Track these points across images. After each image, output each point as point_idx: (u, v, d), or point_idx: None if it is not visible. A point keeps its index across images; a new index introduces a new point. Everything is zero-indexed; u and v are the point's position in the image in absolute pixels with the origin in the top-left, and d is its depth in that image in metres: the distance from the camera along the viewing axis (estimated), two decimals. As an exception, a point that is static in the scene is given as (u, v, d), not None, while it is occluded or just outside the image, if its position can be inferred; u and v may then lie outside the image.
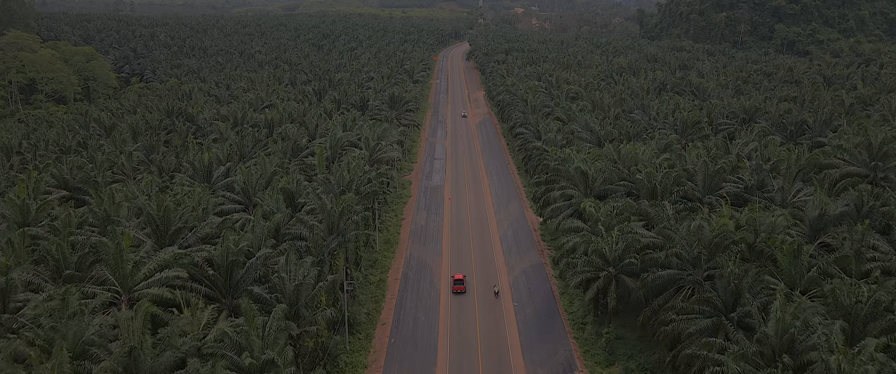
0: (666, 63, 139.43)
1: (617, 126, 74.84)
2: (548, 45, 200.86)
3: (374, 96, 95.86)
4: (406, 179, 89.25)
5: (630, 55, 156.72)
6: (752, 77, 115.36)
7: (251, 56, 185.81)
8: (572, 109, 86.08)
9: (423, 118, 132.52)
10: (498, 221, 73.17)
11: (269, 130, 77.17)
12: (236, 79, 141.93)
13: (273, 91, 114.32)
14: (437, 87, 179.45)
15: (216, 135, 76.77)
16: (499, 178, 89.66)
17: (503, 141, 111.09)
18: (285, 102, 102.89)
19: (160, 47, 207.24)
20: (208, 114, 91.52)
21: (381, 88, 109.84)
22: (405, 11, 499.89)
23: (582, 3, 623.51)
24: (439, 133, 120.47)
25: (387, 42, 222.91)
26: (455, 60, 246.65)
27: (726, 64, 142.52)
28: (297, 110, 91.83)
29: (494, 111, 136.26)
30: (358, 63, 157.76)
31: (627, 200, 48.89)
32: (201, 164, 57.50)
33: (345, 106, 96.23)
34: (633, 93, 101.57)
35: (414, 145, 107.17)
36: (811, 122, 73.80)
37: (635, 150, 56.16)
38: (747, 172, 53.26)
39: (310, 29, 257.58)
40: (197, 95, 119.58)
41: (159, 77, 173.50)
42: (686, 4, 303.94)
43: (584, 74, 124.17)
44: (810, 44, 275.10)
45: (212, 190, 58.74)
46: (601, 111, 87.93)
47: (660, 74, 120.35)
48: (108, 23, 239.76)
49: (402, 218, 73.73)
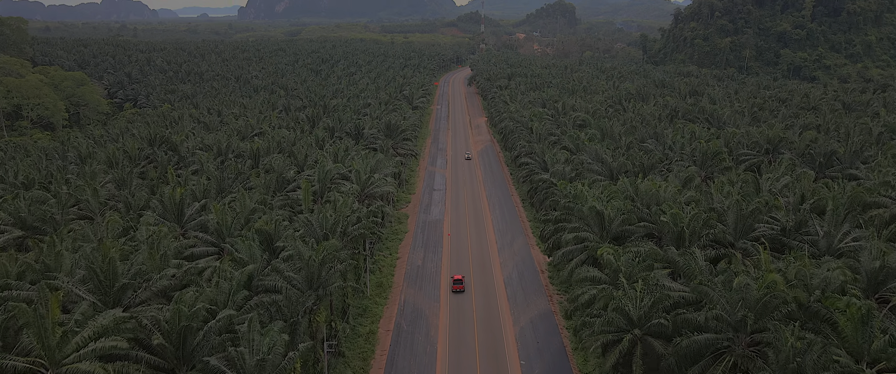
0: (675, 89, 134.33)
1: (630, 157, 69.01)
2: (551, 71, 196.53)
3: (369, 124, 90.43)
4: (403, 213, 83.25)
5: (637, 80, 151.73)
6: (767, 104, 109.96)
7: (247, 81, 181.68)
8: (580, 138, 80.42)
9: (423, 146, 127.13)
10: (502, 261, 66.88)
11: (254, 161, 71.48)
12: (229, 105, 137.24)
13: (264, 118, 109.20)
14: (438, 113, 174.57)
15: (197, 166, 71.15)
16: (502, 211, 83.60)
17: (506, 170, 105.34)
18: (276, 129, 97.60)
19: (156, 72, 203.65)
20: (193, 143, 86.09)
21: (377, 115, 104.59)
22: (407, 36, 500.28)
23: (583, 29, 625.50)
24: (439, 162, 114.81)
25: (387, 67, 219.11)
26: (456, 86, 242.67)
27: (738, 90, 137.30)
28: (287, 139, 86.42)
29: (497, 139, 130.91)
30: (356, 88, 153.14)
31: (651, 245, 42.75)
32: (172, 201, 51.62)
33: (338, 134, 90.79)
34: (644, 120, 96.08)
35: (412, 175, 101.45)
36: (841, 152, 67.94)
37: (656, 186, 50.12)
38: (783, 213, 47.19)
39: (309, 54, 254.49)
40: (186, 121, 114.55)
41: (152, 103, 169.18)
42: (690, 30, 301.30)
43: (591, 100, 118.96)
44: (817, 69, 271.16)
45: (183, 230, 52.82)
46: (611, 140, 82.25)
47: (670, 100, 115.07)
48: (104, 48, 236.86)
49: (397, 257, 67.52)
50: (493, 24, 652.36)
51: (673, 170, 65.58)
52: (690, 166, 65.83)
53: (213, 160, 72.28)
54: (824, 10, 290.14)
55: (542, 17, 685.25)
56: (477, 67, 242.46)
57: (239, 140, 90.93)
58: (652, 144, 78.56)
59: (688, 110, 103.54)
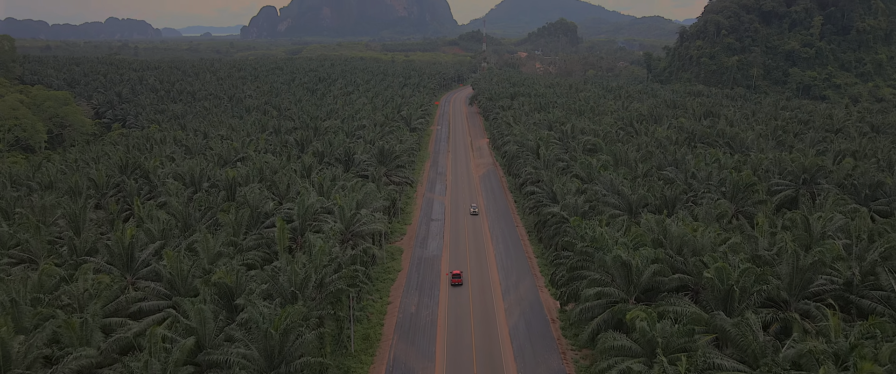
0: (687, 109, 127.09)
1: (650, 188, 61.34)
2: (556, 90, 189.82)
3: (361, 149, 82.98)
4: (396, 247, 75.43)
5: (646, 100, 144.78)
6: (789, 126, 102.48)
7: (240, 101, 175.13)
8: (592, 166, 72.82)
9: (421, 169, 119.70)
10: (506, 306, 58.85)
11: (228, 193, 63.93)
12: (217, 126, 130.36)
13: (251, 141, 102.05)
14: (438, 134, 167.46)
15: (165, 197, 63.60)
16: (506, 245, 75.70)
17: (510, 197, 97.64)
18: (261, 154, 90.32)
19: (147, 92, 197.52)
20: (168, 169, 78.75)
21: (372, 138, 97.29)
22: (408, 55, 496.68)
23: (585, 48, 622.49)
24: (438, 188, 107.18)
25: (385, 86, 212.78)
26: (457, 105, 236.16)
27: (755, 111, 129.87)
28: (271, 165, 79.02)
29: (499, 161, 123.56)
30: (352, 109, 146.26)
31: (692, 308, 34.87)
32: (120, 244, 43.98)
33: (328, 160, 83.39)
34: (660, 145, 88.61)
35: (409, 203, 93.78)
36: (889, 184, 60.23)
37: (691, 230, 42.27)
38: (845, 263, 39.37)
39: (306, 72, 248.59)
40: (168, 144, 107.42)
41: (141, 123, 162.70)
42: (696, 48, 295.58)
43: (600, 122, 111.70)
44: (827, 88, 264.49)
45: (133, 279, 45.08)
46: (626, 168, 74.67)
47: (685, 122, 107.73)
48: (96, 66, 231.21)
49: (387, 301, 59.56)
50: (495, 42, 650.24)
51: (701, 204, 57.87)
52: (720, 200, 58.13)
53: (184, 191, 64.74)
54: (833, 29, 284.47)
55: (544, 35, 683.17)
56: (478, 86, 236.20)
57: (219, 166, 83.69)
58: (672, 172, 70.93)
59: (705, 133, 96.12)
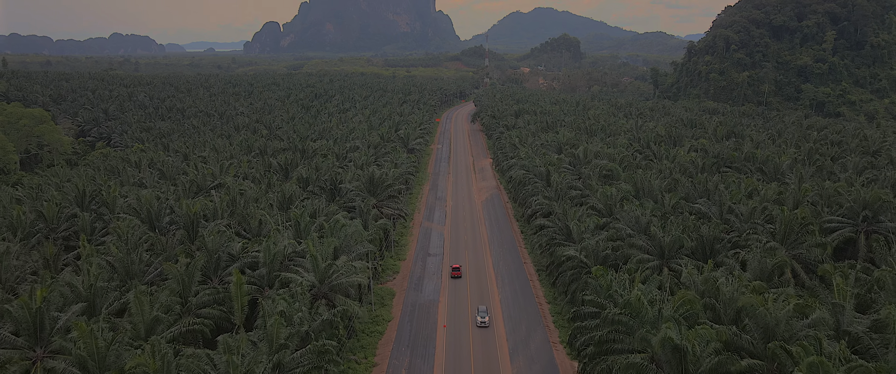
0: (706, 129, 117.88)
1: (685, 228, 51.84)
2: (562, 107, 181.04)
3: (351, 175, 73.67)
4: (387, 289, 65.94)
5: (660, 119, 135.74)
6: (823, 148, 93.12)
7: (230, 118, 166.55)
8: (612, 197, 63.45)
9: (419, 194, 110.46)
10: (515, 372, 49.17)
11: (189, 232, 54.66)
12: (201, 146, 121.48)
13: (232, 164, 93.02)
14: (439, 153, 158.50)
15: (115, 236, 54.31)
16: (513, 288, 66.09)
17: (516, 227, 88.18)
18: (240, 180, 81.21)
19: (136, 108, 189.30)
20: (132, 199, 69.56)
21: (363, 162, 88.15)
22: (409, 71, 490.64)
23: (588, 63, 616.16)
24: (437, 215, 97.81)
25: (384, 103, 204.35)
26: (459, 122, 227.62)
27: (781, 130, 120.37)
28: (248, 194, 69.90)
29: (503, 184, 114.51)
30: (346, 128, 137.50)
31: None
32: (26, 313, 34.66)
33: (313, 188, 74.17)
34: (684, 170, 79.26)
35: (404, 234, 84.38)
36: (969, 223, 50.74)
37: (761, 303, 32.47)
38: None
39: (303, 89, 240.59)
40: (144, 168, 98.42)
41: (125, 141, 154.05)
42: (705, 63, 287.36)
43: (614, 143, 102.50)
44: (841, 105, 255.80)
45: (44, 354, 35.66)
46: (650, 199, 65.30)
47: (706, 144, 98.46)
48: (85, 82, 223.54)
49: (373, 363, 49.98)
50: (498, 57, 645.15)
51: (748, 247, 48.40)
52: (770, 243, 48.61)
53: (138, 229, 55.46)
54: (846, 44, 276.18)
55: (547, 50, 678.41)
56: (481, 103, 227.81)
57: (190, 195, 74.60)
58: (705, 205, 61.47)
59: (731, 157, 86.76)
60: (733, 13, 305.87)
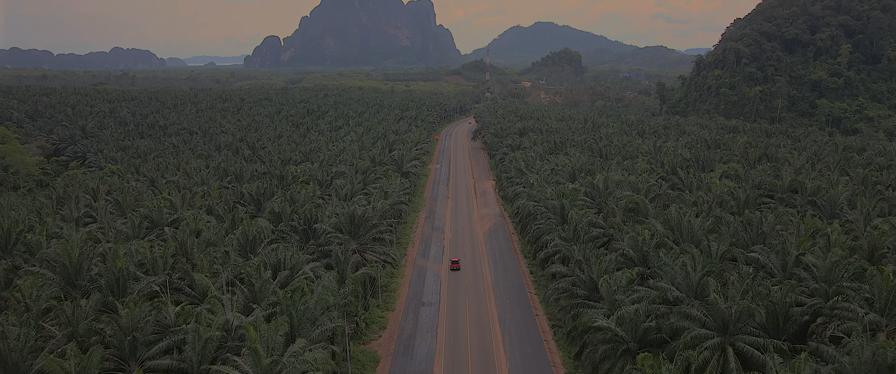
0: (732, 150, 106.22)
1: (753, 295, 39.83)
2: (569, 124, 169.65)
3: (330, 210, 61.77)
4: (370, 351, 53.86)
5: (679, 138, 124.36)
6: (875, 175, 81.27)
7: (214, 136, 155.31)
8: (645, 241, 51.61)
9: (414, 223, 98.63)
10: None
11: (114, 292, 42.79)
12: (173, 169, 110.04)
13: (199, 193, 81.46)
14: (437, 174, 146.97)
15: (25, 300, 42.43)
16: (524, 352, 53.94)
17: (523, 266, 76.20)
18: (203, 215, 69.55)
19: (116, 125, 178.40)
20: (56, 246, 57.74)
21: (348, 191, 76.46)
22: (408, 85, 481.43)
23: (590, 77, 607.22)
24: (433, 251, 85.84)
25: (379, 119, 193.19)
26: (459, 140, 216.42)
27: (818, 152, 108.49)
28: (208, 233, 58.27)
29: (508, 212, 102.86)
30: (336, 147, 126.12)
31: None
32: None
33: (284, 227, 62.38)
34: (722, 202, 67.54)
35: (394, 276, 72.34)
36: None
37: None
38: None
39: (296, 104, 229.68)
40: (100, 196, 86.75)
41: (100, 161, 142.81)
42: (714, 78, 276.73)
43: (632, 167, 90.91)
44: (859, 121, 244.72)
45: None
46: (691, 242, 53.54)
47: (737, 168, 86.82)
48: (66, 97, 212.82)
49: None
50: (499, 71, 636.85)
51: (842, 322, 36.52)
52: (868, 314, 36.75)
53: (51, 287, 43.62)
54: (862, 58, 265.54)
55: (548, 64, 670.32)
56: (483, 119, 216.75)
57: (139, 235, 62.89)
58: (762, 253, 49.61)
59: (772, 185, 75.03)
60: (743, 26, 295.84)
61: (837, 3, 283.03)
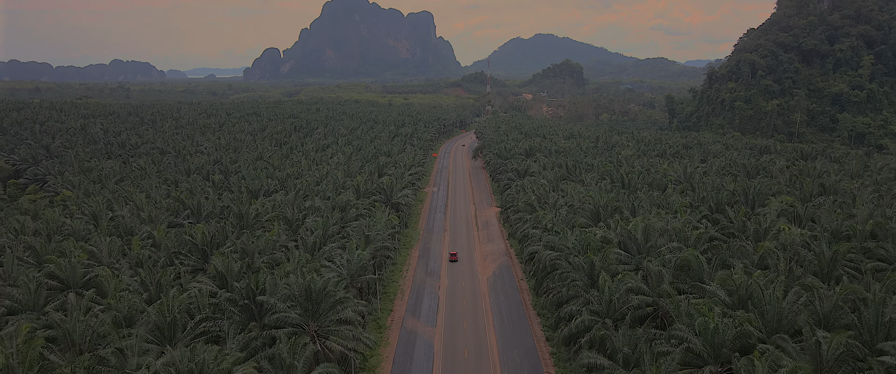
0: (777, 179, 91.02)
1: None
2: (579, 143, 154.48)
3: (283, 281, 45.82)
4: None
5: (709, 160, 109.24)
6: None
7: (187, 157, 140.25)
8: (720, 331, 36.25)
9: (404, 266, 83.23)
10: None
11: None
12: (127, 199, 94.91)
13: (137, 236, 66.14)
14: (434, 200, 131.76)
15: None
16: None
17: (538, 329, 60.75)
18: (129, 273, 54.23)
19: (84, 144, 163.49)
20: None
21: (318, 238, 61.07)
22: (407, 98, 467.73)
23: (592, 89, 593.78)
24: (425, 306, 70.16)
25: (372, 137, 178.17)
26: (459, 158, 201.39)
27: (860, 172, 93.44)
28: (121, 306, 43.01)
29: (514, 248, 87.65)
30: (319, 172, 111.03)
31: None
32: None
33: (225, 297, 46.80)
34: (796, 255, 52.19)
35: (374, 349, 56.81)
36: None
37: None
38: None
39: (285, 119, 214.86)
40: (16, 250, 71.37)
41: (59, 185, 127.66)
42: (728, 91, 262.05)
43: (667, 202, 75.65)
44: (884, 136, 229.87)
45: None
46: (782, 331, 38.22)
47: (797, 206, 71.52)
48: (36, 113, 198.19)
49: None
50: (499, 84, 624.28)
51: None
52: None
53: None
54: (884, 70, 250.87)
55: (549, 76, 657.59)
56: (484, 136, 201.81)
57: (35, 306, 47.54)
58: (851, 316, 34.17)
59: (852, 230, 59.72)
60: (758, 36, 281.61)
61: (857, 13, 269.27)
